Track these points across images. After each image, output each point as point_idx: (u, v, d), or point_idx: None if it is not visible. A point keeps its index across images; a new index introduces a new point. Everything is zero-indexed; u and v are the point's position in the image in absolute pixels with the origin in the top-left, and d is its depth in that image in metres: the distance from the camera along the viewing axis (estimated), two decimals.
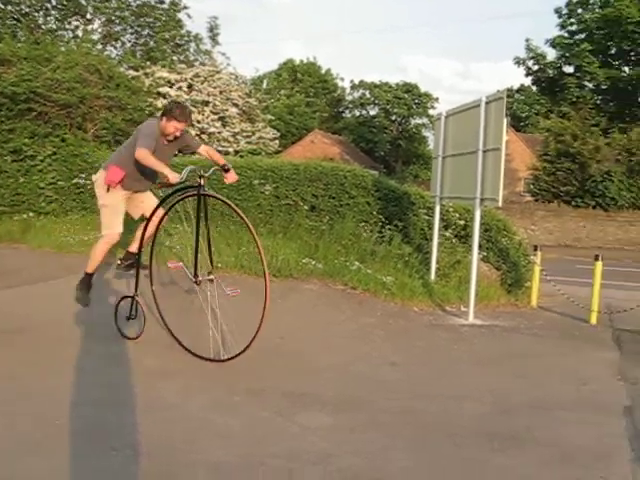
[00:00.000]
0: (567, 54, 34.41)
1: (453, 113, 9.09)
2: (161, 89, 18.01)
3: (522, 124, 58.76)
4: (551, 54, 35.49)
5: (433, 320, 7.90)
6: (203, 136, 18.30)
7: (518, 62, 35.70)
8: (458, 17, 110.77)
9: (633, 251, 25.41)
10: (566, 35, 34.73)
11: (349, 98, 68.08)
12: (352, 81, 66.60)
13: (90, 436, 4.01)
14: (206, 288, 5.66)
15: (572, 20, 34.51)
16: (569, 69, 35.22)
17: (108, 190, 6.05)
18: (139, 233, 6.15)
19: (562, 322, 8.35)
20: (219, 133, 18.80)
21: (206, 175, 5.52)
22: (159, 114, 6.19)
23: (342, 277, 8.68)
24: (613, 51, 34.12)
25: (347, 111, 68.61)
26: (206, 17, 49.67)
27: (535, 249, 9.41)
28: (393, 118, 64.24)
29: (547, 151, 29.09)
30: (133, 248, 6.31)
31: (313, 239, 9.82)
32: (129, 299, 6.10)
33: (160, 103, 16.97)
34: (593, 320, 8.32)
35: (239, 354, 5.41)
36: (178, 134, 5.98)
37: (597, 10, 33.53)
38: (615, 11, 31.50)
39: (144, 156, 5.62)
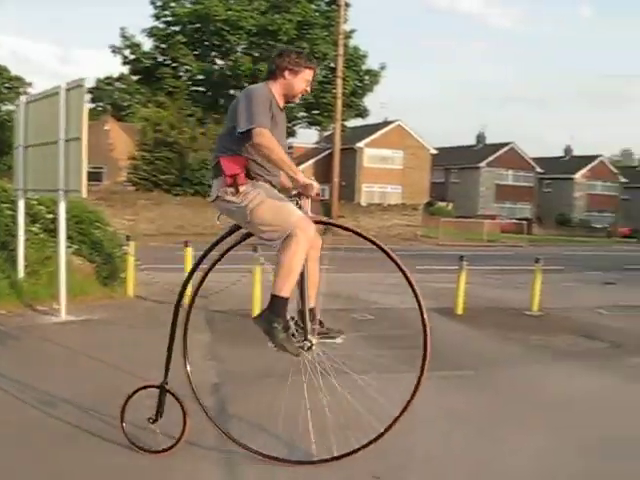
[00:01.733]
0: (163, 45, 35.11)
1: (34, 100, 8.65)
2: None
3: (123, 113, 58.74)
4: (148, 44, 35.75)
5: (22, 321, 7.58)
6: None
7: (114, 50, 35.20)
8: None
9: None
10: (162, 26, 35.35)
11: None
12: None
13: None
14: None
15: (166, 12, 35.18)
16: (166, 59, 35.92)
17: (237, 191, 3.79)
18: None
19: (157, 309, 8.52)
20: None
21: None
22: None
23: None
24: (206, 44, 35.72)
25: None
26: None
27: (128, 239, 9.42)
28: None
29: (145, 140, 29.48)
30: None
31: None
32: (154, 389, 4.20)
33: None
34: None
35: (371, 442, 3.80)
36: (309, 88, 4.06)
37: (188, 5, 34.80)
38: (205, 8, 33.07)
39: (266, 140, 3.64)
